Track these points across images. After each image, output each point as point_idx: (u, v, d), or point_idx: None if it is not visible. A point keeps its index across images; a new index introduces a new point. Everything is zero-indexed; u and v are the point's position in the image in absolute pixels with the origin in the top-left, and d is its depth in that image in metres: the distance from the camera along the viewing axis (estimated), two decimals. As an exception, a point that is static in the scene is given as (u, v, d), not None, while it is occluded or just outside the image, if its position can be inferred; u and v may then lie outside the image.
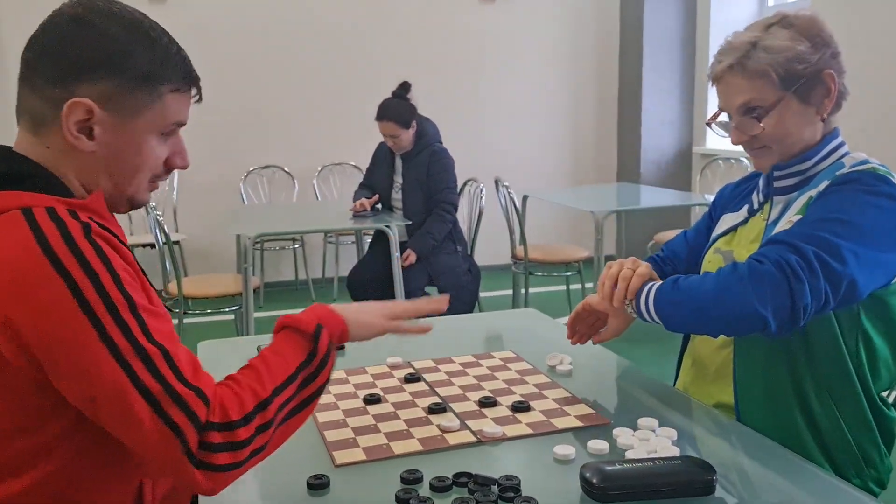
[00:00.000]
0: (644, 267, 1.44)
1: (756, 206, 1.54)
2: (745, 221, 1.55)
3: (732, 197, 1.66)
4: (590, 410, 1.38)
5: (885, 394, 1.49)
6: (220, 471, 0.96)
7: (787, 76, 1.39)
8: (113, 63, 1.02)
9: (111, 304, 0.94)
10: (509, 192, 4.38)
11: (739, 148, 1.49)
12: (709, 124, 1.53)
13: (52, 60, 1.02)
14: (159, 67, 1.04)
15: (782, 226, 1.41)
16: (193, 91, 1.11)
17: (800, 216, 1.38)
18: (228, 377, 1.04)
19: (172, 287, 3.80)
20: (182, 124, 1.12)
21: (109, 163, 1.06)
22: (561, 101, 6.29)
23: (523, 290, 4.67)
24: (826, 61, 1.41)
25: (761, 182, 1.54)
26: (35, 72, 1.03)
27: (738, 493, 1.10)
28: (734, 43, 1.44)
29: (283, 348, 1.08)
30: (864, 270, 1.29)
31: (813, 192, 1.40)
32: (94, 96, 1.01)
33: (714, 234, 1.62)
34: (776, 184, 1.49)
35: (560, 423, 1.33)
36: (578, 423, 1.32)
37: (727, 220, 1.60)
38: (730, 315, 1.28)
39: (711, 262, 1.56)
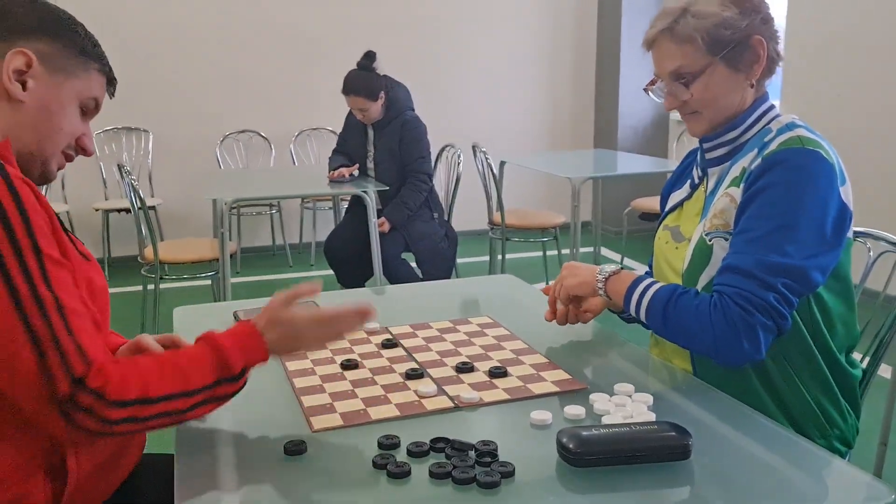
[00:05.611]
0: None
1: (696, 180, 1.57)
2: (689, 196, 1.58)
3: (676, 179, 1.68)
4: (567, 376, 1.38)
5: (855, 354, 1.51)
6: (82, 431, 1.01)
7: (713, 42, 1.40)
8: (56, 31, 1.15)
9: (17, 247, 0.99)
10: (486, 158, 4.36)
11: None
12: (646, 90, 1.53)
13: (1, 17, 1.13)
14: (91, 48, 1.19)
15: (720, 197, 1.43)
16: (109, 88, 1.25)
17: (734, 187, 1.40)
18: (137, 357, 1.10)
19: (148, 252, 3.77)
20: (97, 104, 1.22)
21: (36, 117, 1.14)
22: (539, 67, 6.25)
23: (500, 256, 4.68)
24: (755, 27, 1.41)
25: (699, 156, 1.57)
26: None
27: (714, 458, 1.11)
28: (667, 8, 1.44)
29: (200, 361, 1.11)
30: (822, 263, 1.33)
31: (746, 164, 1.41)
32: (35, 51, 1.13)
33: (664, 211, 1.65)
34: (707, 155, 1.52)
35: (537, 388, 1.33)
36: (555, 389, 1.33)
37: (673, 198, 1.63)
38: (726, 363, 1.34)
39: (661, 237, 1.60)
